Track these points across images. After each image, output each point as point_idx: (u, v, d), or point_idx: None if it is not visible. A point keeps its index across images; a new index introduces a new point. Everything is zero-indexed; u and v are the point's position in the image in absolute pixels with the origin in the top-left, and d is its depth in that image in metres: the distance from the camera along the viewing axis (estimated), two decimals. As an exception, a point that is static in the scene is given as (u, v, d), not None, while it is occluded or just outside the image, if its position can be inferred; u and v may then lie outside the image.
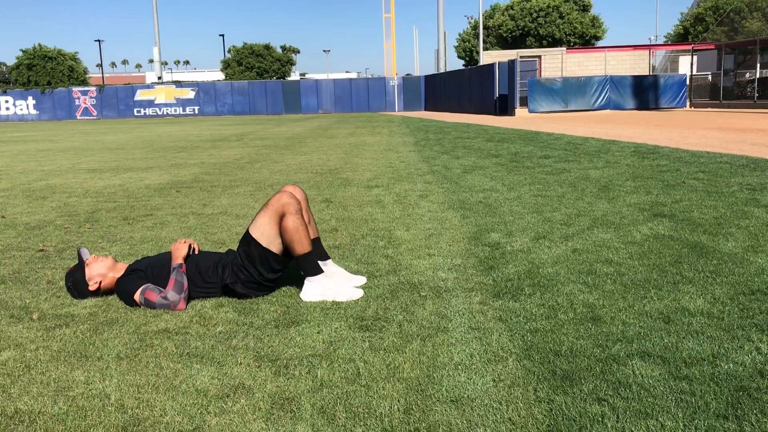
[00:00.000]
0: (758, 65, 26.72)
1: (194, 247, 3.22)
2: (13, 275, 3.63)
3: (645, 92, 27.95)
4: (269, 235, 3.04)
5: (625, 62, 33.67)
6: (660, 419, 1.84)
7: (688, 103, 28.88)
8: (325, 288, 3.04)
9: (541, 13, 45.43)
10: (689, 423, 1.82)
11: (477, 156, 9.57)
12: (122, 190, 7.09)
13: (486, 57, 36.36)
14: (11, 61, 52.07)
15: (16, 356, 2.46)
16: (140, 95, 43.75)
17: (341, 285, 3.09)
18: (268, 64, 51.41)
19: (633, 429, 1.80)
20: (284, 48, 58.79)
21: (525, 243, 3.97)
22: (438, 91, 38.06)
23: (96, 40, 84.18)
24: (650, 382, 2.06)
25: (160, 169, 9.25)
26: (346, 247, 4.05)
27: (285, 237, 3.03)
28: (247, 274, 3.03)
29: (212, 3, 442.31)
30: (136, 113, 43.46)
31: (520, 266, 3.46)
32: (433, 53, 49.06)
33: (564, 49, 34.74)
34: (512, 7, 47.24)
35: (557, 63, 32.72)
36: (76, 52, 49.08)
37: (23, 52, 47.48)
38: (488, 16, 49.01)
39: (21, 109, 43.61)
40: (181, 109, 43.60)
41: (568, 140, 11.78)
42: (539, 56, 34.37)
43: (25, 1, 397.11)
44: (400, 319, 2.72)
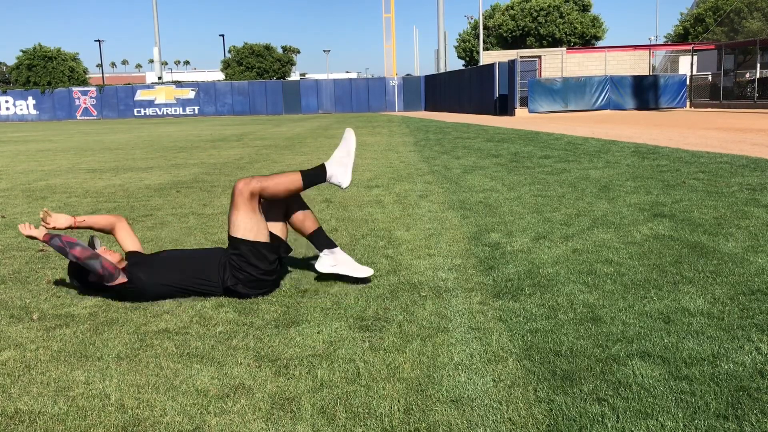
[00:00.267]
0: (758, 65, 26.73)
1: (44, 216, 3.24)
2: (13, 275, 3.63)
3: (645, 92, 27.95)
4: (251, 227, 3.04)
5: (625, 62, 33.68)
6: (660, 419, 1.84)
7: (688, 103, 28.88)
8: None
9: (541, 13, 45.46)
10: (689, 423, 1.82)
11: (477, 156, 9.57)
12: (122, 190, 7.09)
13: (486, 57, 36.37)
14: (11, 61, 52.11)
15: (16, 356, 2.46)
16: (140, 95, 43.75)
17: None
18: (268, 64, 51.43)
19: (633, 429, 1.80)
20: (285, 48, 58.80)
21: (525, 243, 3.97)
22: (438, 92, 38.07)
23: (96, 40, 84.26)
24: (650, 382, 2.06)
25: (160, 169, 9.25)
26: (346, 247, 4.05)
27: (275, 192, 3.10)
28: (246, 274, 3.03)
29: (212, 3, 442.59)
30: (136, 113, 43.47)
31: (520, 266, 3.46)
32: (433, 53, 49.10)
33: (564, 49, 34.76)
34: (512, 7, 47.27)
35: (557, 63, 32.73)
36: (77, 53, 49.12)
37: (23, 52, 47.51)
38: (488, 16, 49.04)
39: (21, 109, 43.61)
40: (181, 109, 43.60)
41: (568, 140, 11.78)
42: (539, 56, 34.38)
43: (25, 1, 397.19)
44: (400, 319, 2.72)
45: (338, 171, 3.23)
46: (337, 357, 2.36)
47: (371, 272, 3.27)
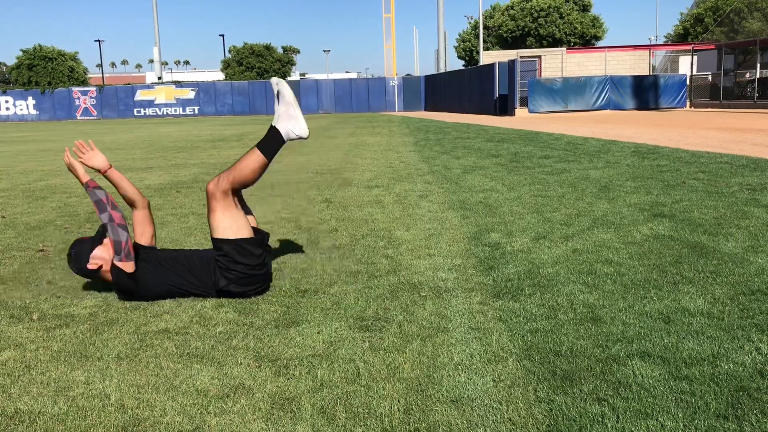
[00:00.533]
0: (758, 65, 26.73)
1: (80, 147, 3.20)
2: (13, 275, 3.63)
3: (645, 92, 27.94)
4: (229, 224, 3.03)
5: (625, 62, 33.67)
6: (660, 419, 1.84)
7: (688, 103, 28.87)
8: (287, 129, 3.21)
9: (541, 14, 45.46)
10: (689, 423, 1.82)
11: (477, 156, 9.58)
12: (122, 190, 7.08)
13: (486, 57, 36.37)
14: (11, 61, 52.09)
15: (16, 356, 2.46)
16: (140, 95, 43.74)
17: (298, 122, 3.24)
18: (268, 64, 51.40)
19: (633, 429, 1.80)
20: (285, 48, 58.82)
21: (525, 243, 3.97)
22: (438, 92, 38.06)
23: (96, 40, 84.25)
24: (650, 382, 2.06)
25: (160, 169, 9.25)
26: (346, 247, 4.05)
27: (244, 178, 3.10)
28: (235, 273, 3.02)
29: (212, 3, 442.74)
30: (136, 113, 43.46)
31: (520, 266, 3.46)
32: (433, 53, 49.09)
33: (564, 49, 34.76)
34: (512, 7, 47.28)
35: (557, 63, 32.72)
36: (76, 53, 49.10)
37: (23, 52, 47.47)
38: (488, 16, 49.04)
39: (21, 109, 43.60)
40: (181, 109, 43.59)
41: (568, 140, 11.78)
42: (539, 56, 34.38)
43: (25, 1, 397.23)
44: (400, 319, 2.72)
45: (291, 125, 3.21)
46: (337, 357, 2.36)
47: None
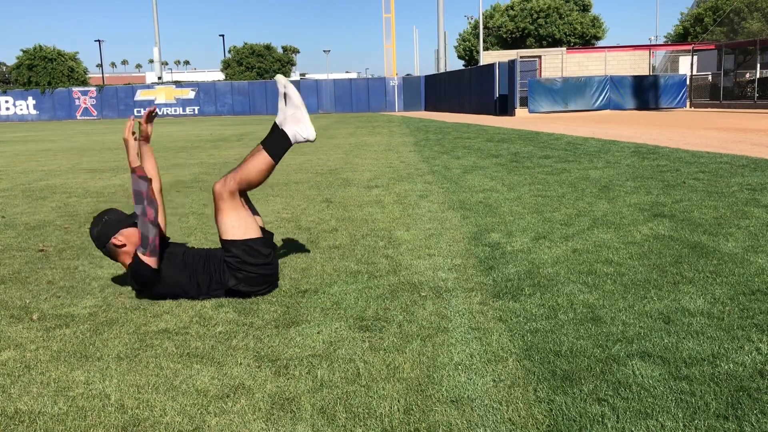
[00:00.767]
0: (758, 65, 26.73)
1: (141, 122, 3.19)
2: (13, 275, 3.63)
3: (645, 92, 27.94)
4: (238, 225, 3.03)
5: (625, 62, 33.67)
6: (660, 419, 1.84)
7: (688, 104, 28.88)
8: (294, 132, 3.19)
9: (541, 14, 45.45)
10: (689, 423, 1.82)
11: (477, 156, 9.57)
12: (122, 190, 7.09)
13: (486, 57, 36.37)
14: (11, 61, 52.11)
15: (16, 356, 2.46)
16: (140, 95, 43.75)
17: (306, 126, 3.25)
18: (268, 64, 51.41)
19: (633, 429, 1.80)
20: (285, 48, 58.81)
21: (525, 243, 3.97)
22: (438, 92, 38.06)
23: (96, 40, 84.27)
24: (650, 382, 2.06)
25: (160, 169, 9.24)
26: (346, 247, 4.05)
27: (251, 179, 3.09)
28: (245, 273, 3.03)
29: (212, 3, 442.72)
30: (136, 113, 43.40)
31: (520, 266, 3.46)
32: (433, 53, 49.08)
33: (564, 49, 34.75)
34: (512, 8, 47.27)
35: (557, 63, 32.72)
36: (76, 53, 49.10)
37: (24, 52, 47.51)
38: (488, 17, 49.03)
39: (21, 109, 43.61)
40: (181, 109, 43.60)
41: (568, 140, 11.78)
42: (539, 56, 34.37)
43: (25, 1, 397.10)
44: (400, 319, 2.72)
45: (299, 128, 3.21)
46: (337, 357, 2.36)
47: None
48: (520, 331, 2.53)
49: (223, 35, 74.88)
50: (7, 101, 43.57)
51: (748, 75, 27.59)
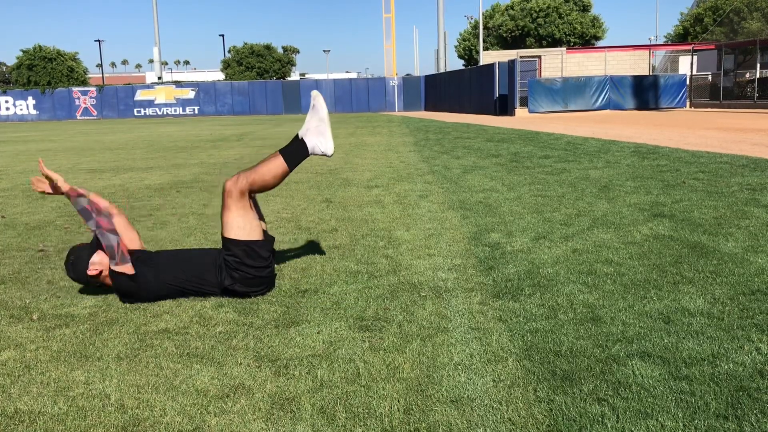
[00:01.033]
0: (758, 65, 26.73)
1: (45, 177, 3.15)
2: (13, 275, 3.63)
3: (645, 92, 27.94)
4: (243, 225, 3.03)
5: (625, 62, 33.68)
6: (660, 419, 1.84)
7: (688, 103, 28.88)
8: (314, 144, 3.22)
9: (541, 14, 45.45)
10: (689, 423, 1.82)
11: (477, 156, 9.57)
12: (122, 190, 7.09)
13: (486, 57, 36.37)
14: (11, 61, 52.11)
15: (16, 356, 2.46)
16: (140, 95, 43.74)
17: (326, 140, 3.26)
18: (268, 64, 51.41)
19: (633, 429, 1.80)
20: (285, 48, 58.81)
21: (525, 243, 3.97)
22: (438, 91, 38.06)
23: (96, 40, 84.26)
24: (650, 382, 2.06)
25: (160, 169, 9.25)
26: (346, 247, 4.05)
27: (264, 183, 3.11)
28: (242, 273, 3.03)
29: (212, 3, 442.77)
30: (136, 113, 43.45)
31: (520, 266, 3.46)
32: (433, 53, 49.09)
33: (564, 49, 34.75)
34: (512, 8, 47.27)
35: (557, 63, 32.72)
36: (76, 53, 49.10)
37: (24, 52, 47.50)
38: (488, 17, 49.04)
39: (21, 109, 43.60)
40: (181, 109, 43.60)
41: (568, 140, 11.78)
42: (539, 56, 34.37)
43: (25, 1, 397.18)
44: (400, 319, 2.72)
45: (319, 141, 3.23)
46: (337, 357, 2.36)
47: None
48: (520, 331, 2.53)
49: (223, 35, 74.98)
50: (7, 101, 43.56)
51: (747, 75, 27.59)
